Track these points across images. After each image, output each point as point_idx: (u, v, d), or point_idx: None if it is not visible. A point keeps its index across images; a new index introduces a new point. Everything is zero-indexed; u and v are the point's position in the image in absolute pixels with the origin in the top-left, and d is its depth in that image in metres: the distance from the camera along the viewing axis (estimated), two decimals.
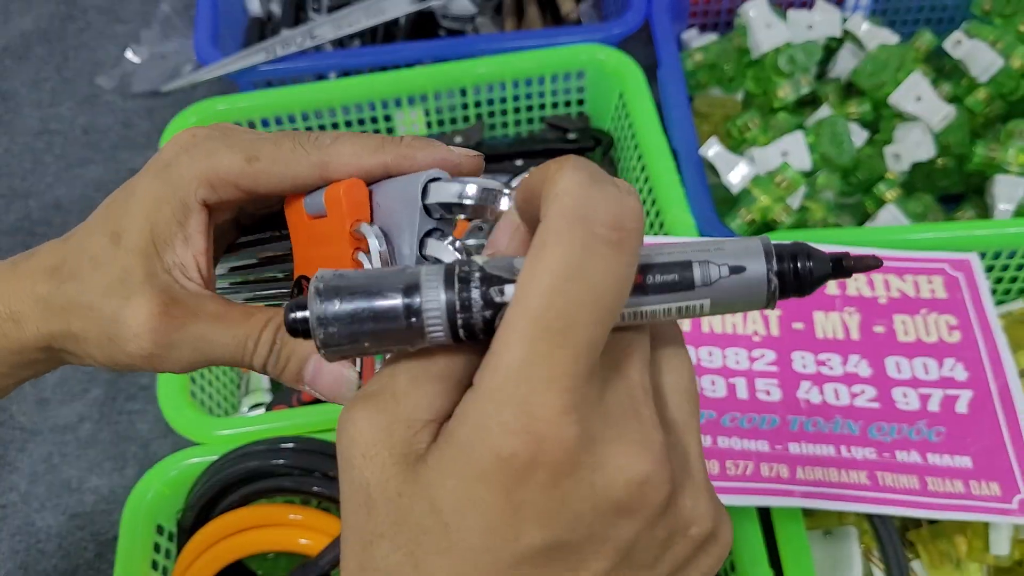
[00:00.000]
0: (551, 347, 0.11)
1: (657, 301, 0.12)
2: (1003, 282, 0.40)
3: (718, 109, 0.50)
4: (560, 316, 0.11)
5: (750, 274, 0.12)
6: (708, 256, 0.12)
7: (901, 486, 0.30)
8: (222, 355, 0.17)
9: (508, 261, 0.12)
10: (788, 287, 0.12)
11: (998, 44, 0.45)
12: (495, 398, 0.11)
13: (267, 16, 0.56)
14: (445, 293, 0.12)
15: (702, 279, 0.12)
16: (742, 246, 0.12)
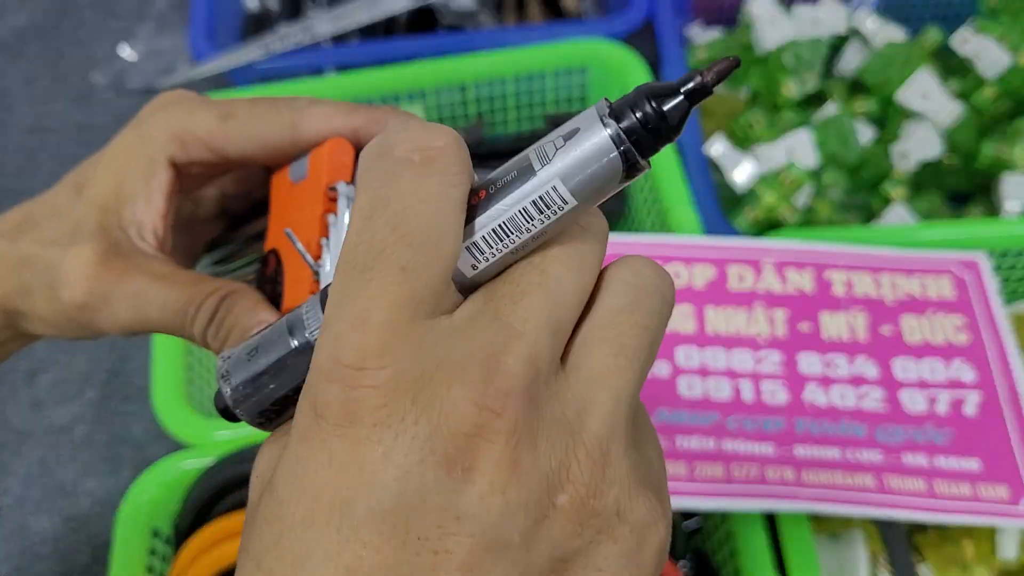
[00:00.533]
0: (358, 283, 0.10)
1: (505, 206, 0.10)
2: (1011, 282, 0.40)
3: (723, 106, 0.49)
4: (367, 250, 0.10)
5: (587, 136, 0.10)
6: (543, 142, 0.10)
7: (908, 489, 0.30)
8: (160, 318, 0.16)
9: None
10: (642, 138, 0.10)
11: (1006, 41, 0.44)
12: (316, 348, 0.10)
13: (264, 11, 0.55)
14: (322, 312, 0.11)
15: (539, 158, 0.10)
16: (577, 118, 0.10)
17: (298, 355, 0.11)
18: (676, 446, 0.31)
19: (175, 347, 0.35)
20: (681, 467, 0.30)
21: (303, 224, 0.16)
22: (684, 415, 0.31)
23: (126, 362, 0.45)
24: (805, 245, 0.36)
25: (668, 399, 0.32)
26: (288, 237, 0.15)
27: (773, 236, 0.37)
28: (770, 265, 0.36)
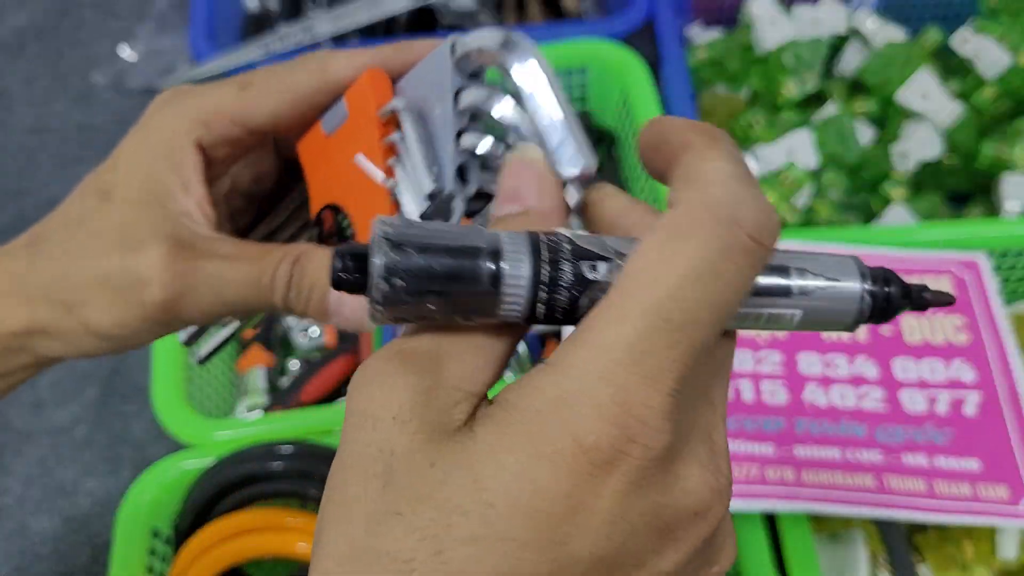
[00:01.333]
0: (666, 341, 0.10)
1: (754, 305, 0.11)
2: (1011, 282, 0.40)
3: (723, 106, 0.49)
4: (685, 312, 0.10)
5: (843, 289, 0.11)
6: (805, 265, 0.11)
7: (908, 489, 0.30)
8: (241, 295, 0.16)
9: (598, 238, 0.11)
10: (875, 311, 0.11)
11: (1006, 41, 0.44)
12: (587, 377, 0.09)
13: (264, 11, 0.55)
14: (530, 262, 0.10)
15: (800, 288, 0.11)
16: (835, 261, 0.12)
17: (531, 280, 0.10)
18: None
19: (175, 348, 0.35)
20: None
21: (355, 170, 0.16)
22: None
23: (126, 362, 0.45)
24: (805, 245, 0.36)
25: None
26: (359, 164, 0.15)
27: None
28: None
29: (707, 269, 0.10)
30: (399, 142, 0.15)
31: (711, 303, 0.10)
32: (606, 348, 0.10)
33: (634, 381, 0.09)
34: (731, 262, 0.10)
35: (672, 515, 0.10)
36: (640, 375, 0.09)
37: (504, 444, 0.10)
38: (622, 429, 0.09)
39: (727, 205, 0.10)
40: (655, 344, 0.10)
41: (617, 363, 0.09)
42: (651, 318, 0.10)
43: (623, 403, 0.09)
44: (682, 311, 0.10)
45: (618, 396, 0.09)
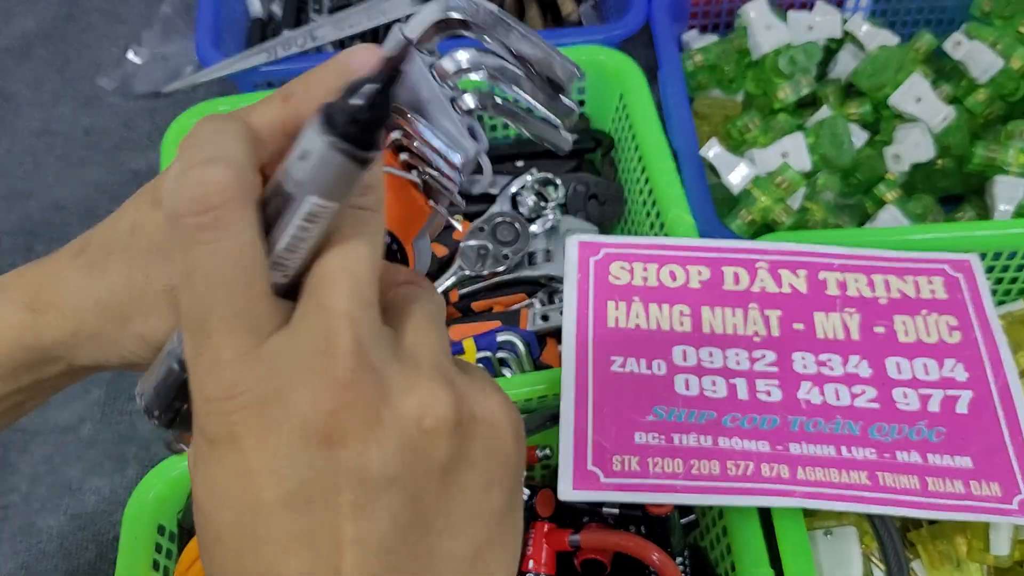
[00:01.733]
0: (203, 337, 0.12)
1: (286, 226, 0.12)
2: (1003, 283, 0.40)
3: (718, 110, 0.50)
4: (198, 311, 0.12)
5: (316, 153, 0.12)
6: (288, 166, 0.12)
7: (901, 486, 0.30)
8: None
9: None
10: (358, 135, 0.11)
11: (998, 45, 0.45)
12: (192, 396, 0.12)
13: (268, 17, 0.56)
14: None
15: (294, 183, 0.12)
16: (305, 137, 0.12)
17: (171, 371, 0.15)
18: (673, 443, 0.31)
19: None
20: (678, 464, 0.31)
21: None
22: (680, 413, 0.32)
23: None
24: (799, 246, 0.37)
25: (665, 397, 0.32)
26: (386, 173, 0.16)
27: (767, 238, 0.38)
28: (764, 266, 0.36)
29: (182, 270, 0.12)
30: (404, 139, 0.16)
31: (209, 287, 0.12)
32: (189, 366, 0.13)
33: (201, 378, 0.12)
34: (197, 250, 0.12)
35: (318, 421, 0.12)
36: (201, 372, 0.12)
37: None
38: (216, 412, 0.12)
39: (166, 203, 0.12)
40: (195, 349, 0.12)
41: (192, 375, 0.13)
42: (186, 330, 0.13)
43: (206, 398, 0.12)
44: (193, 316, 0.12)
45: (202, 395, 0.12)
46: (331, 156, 0.12)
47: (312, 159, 0.12)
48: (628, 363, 0.33)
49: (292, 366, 0.12)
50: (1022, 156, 0.43)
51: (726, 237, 0.39)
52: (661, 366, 0.33)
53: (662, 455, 0.31)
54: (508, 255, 0.41)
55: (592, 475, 0.30)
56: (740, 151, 0.46)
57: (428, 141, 0.16)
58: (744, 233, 0.42)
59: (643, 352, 0.33)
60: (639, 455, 0.31)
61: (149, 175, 0.54)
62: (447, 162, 0.16)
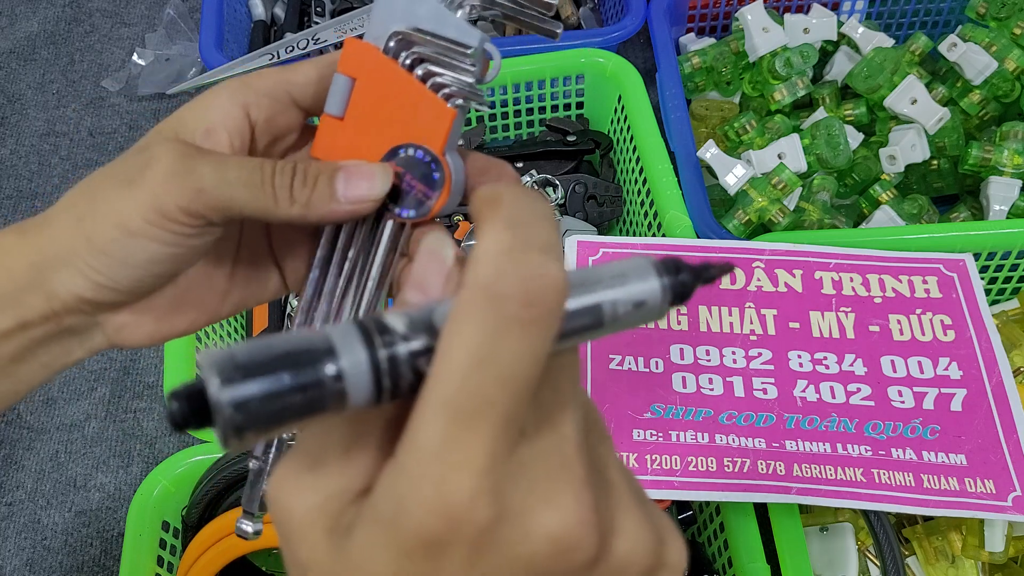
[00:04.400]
0: (463, 431, 0.11)
1: (569, 342, 0.12)
2: (997, 282, 0.41)
3: (715, 112, 0.50)
4: (471, 400, 0.11)
5: (647, 295, 0.12)
6: (609, 294, 0.12)
7: (897, 483, 0.31)
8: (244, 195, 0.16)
9: (426, 315, 0.12)
10: (675, 299, 0.13)
11: (992, 47, 0.45)
12: (412, 477, 0.11)
13: (271, 20, 0.56)
14: (366, 353, 0.11)
15: (611, 316, 0.12)
16: (631, 267, 0.12)
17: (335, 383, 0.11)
18: (670, 440, 0.32)
19: (185, 345, 0.37)
20: (675, 461, 0.31)
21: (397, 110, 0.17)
22: (678, 411, 0.32)
23: (137, 360, 0.47)
24: (795, 247, 0.37)
25: (662, 395, 0.33)
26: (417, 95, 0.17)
27: (764, 238, 0.38)
28: (761, 266, 0.37)
29: (485, 353, 0.10)
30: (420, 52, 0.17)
31: (501, 381, 0.11)
32: (419, 448, 0.11)
33: (444, 472, 0.11)
34: (507, 339, 0.11)
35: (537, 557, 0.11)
36: (447, 466, 0.11)
37: (375, 545, 0.11)
38: (444, 516, 0.11)
39: (491, 282, 0.11)
40: (453, 436, 0.11)
41: (428, 461, 0.11)
42: (445, 412, 0.11)
43: (441, 495, 0.11)
44: (472, 399, 0.11)
45: (436, 490, 0.11)
46: (660, 312, 0.12)
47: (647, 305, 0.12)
48: (626, 361, 0.33)
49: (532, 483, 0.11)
50: (1016, 157, 0.44)
51: (723, 237, 0.40)
52: (659, 364, 0.34)
53: (659, 452, 0.31)
54: None
55: None
56: (737, 152, 0.46)
57: (438, 35, 0.17)
58: (741, 233, 0.43)
59: (641, 350, 0.34)
60: (636, 452, 0.31)
61: None
62: (460, 47, 0.17)
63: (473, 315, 0.11)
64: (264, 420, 0.10)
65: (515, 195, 0.12)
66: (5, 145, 0.57)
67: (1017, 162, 0.44)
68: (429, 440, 0.11)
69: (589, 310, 0.12)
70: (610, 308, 0.12)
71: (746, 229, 0.43)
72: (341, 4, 0.54)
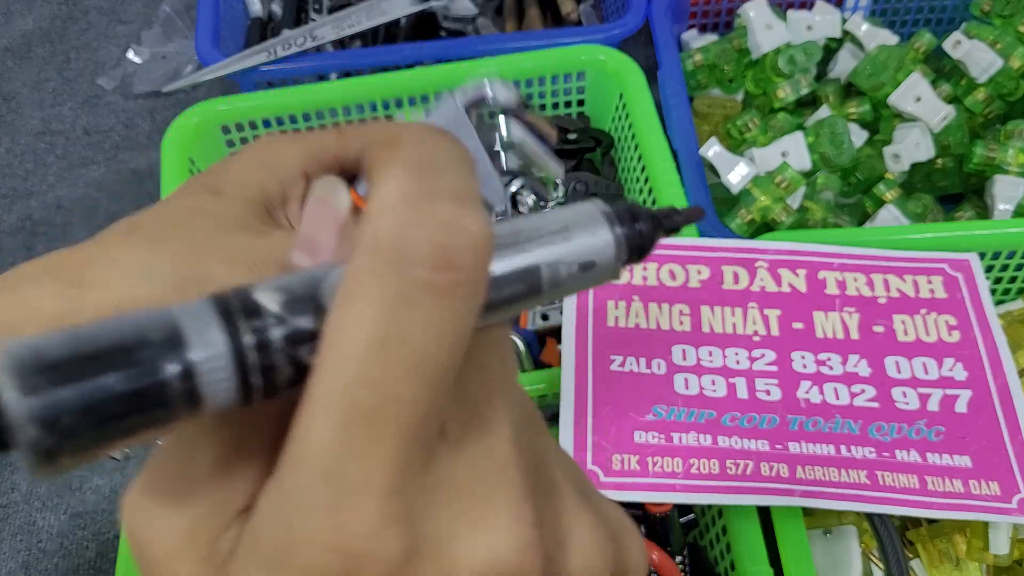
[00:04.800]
0: (360, 438, 0.08)
1: (498, 315, 0.09)
2: (1003, 282, 0.40)
3: (718, 109, 0.50)
4: (371, 395, 0.08)
5: (601, 265, 0.10)
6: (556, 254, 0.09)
7: (901, 485, 0.31)
8: None
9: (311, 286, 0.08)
10: (632, 253, 0.10)
11: (997, 45, 0.45)
12: (299, 502, 0.08)
13: (268, 17, 0.56)
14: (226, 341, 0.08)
15: (551, 283, 0.09)
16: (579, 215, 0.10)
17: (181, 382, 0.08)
18: (672, 443, 0.31)
19: None
20: (677, 463, 0.31)
21: None
22: (680, 412, 0.32)
23: None
24: (798, 246, 0.37)
25: (664, 397, 0.32)
26: None
27: (767, 238, 0.38)
28: (764, 265, 0.36)
29: (387, 334, 0.08)
30: None
31: (410, 369, 0.08)
32: (307, 463, 0.08)
33: (339, 497, 0.08)
34: (416, 314, 0.08)
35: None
36: (343, 488, 0.08)
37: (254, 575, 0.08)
38: (343, 553, 0.08)
39: (392, 241, 0.08)
40: (352, 446, 0.08)
41: (319, 480, 0.08)
42: (340, 414, 0.08)
43: (336, 527, 0.08)
44: (371, 394, 0.08)
45: (329, 519, 0.08)
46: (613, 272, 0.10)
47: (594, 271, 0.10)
48: (627, 362, 0.33)
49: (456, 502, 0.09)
50: (1021, 155, 0.43)
51: (726, 236, 0.39)
52: (661, 365, 0.33)
53: (661, 454, 0.31)
54: None
55: (591, 474, 0.30)
56: (739, 150, 0.46)
57: None
58: (743, 232, 0.42)
59: (642, 351, 0.33)
60: (638, 454, 0.31)
61: (150, 174, 0.54)
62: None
63: (370, 284, 0.08)
64: (84, 440, 0.07)
65: (418, 134, 0.09)
66: (0, 143, 0.56)
67: (1022, 161, 0.43)
68: (317, 453, 0.08)
69: (523, 274, 0.09)
70: (550, 271, 0.09)
71: (749, 228, 0.43)
72: (339, 0, 0.54)
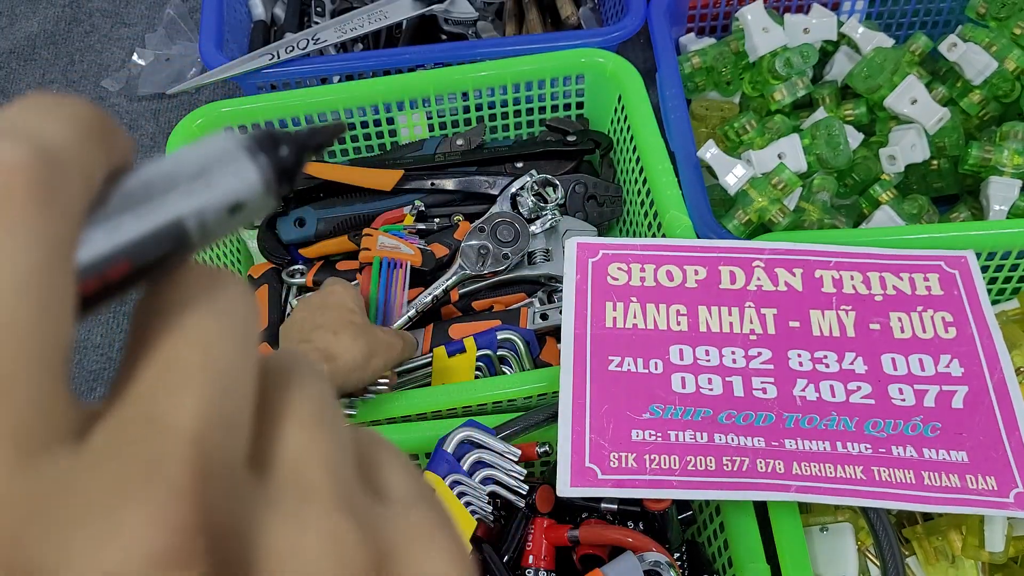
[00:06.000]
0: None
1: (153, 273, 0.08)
2: (997, 282, 0.41)
3: (715, 112, 0.51)
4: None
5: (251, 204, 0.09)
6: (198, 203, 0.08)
7: (897, 480, 0.31)
8: None
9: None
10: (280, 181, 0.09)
11: (993, 47, 0.45)
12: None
13: (271, 20, 0.56)
14: None
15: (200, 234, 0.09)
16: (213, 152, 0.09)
17: None
18: (669, 440, 0.32)
19: None
20: (674, 461, 0.31)
21: None
22: (677, 411, 0.32)
23: None
24: (795, 245, 0.37)
25: (661, 395, 0.33)
26: None
27: (764, 238, 0.38)
28: (761, 265, 0.37)
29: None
30: None
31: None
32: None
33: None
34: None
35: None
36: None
37: None
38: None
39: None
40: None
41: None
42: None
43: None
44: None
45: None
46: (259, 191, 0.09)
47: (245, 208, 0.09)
48: (625, 362, 0.33)
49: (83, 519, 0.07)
50: (1016, 157, 0.44)
51: (723, 237, 0.40)
52: (658, 365, 0.34)
53: (659, 452, 0.31)
54: (508, 255, 0.42)
55: (590, 472, 0.30)
56: (737, 152, 0.46)
57: None
58: (740, 233, 0.43)
59: (640, 351, 0.34)
60: (636, 452, 0.31)
61: None
62: None
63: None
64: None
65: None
66: None
67: (1017, 162, 0.44)
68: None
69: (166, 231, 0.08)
70: (196, 221, 0.08)
71: (746, 229, 0.43)
72: (341, 4, 0.54)
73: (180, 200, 0.09)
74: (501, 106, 0.48)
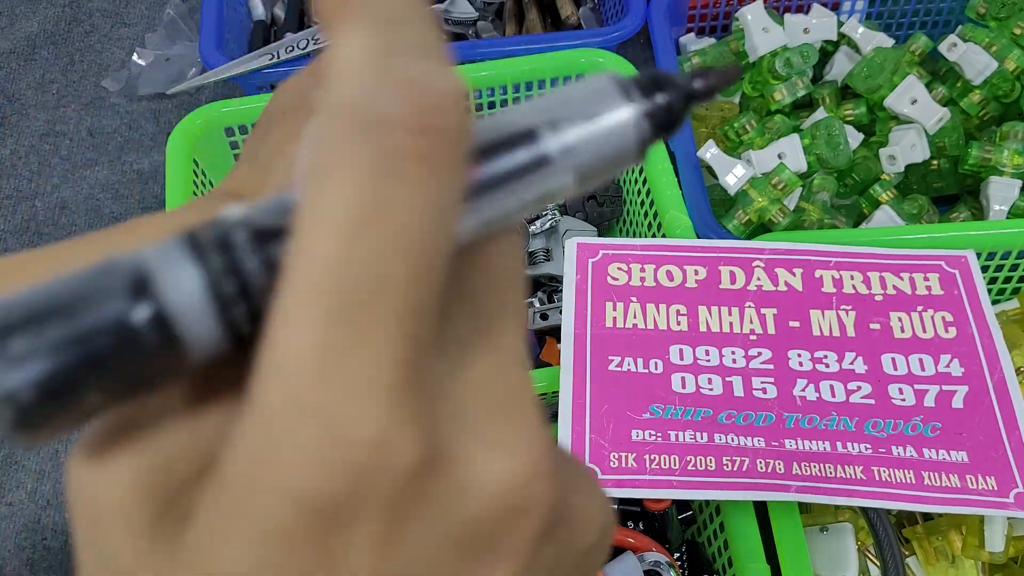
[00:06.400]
0: (358, 328, 0.07)
1: (504, 197, 0.08)
2: (998, 282, 0.41)
3: (715, 112, 0.51)
4: (362, 278, 0.07)
5: (614, 124, 0.08)
6: (555, 113, 0.08)
7: (897, 481, 0.31)
8: None
9: (283, 201, 0.07)
10: (658, 129, 0.08)
11: (992, 47, 0.45)
12: (283, 415, 0.07)
13: (271, 20, 0.56)
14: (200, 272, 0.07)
15: (561, 149, 0.08)
16: (589, 90, 0.08)
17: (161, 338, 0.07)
18: (669, 440, 0.32)
19: None
20: (674, 460, 0.31)
21: None
22: (677, 411, 0.32)
23: None
24: (795, 245, 0.37)
25: (661, 395, 0.33)
26: None
27: (764, 239, 0.38)
28: (761, 265, 0.37)
29: (371, 206, 0.07)
30: None
31: (400, 247, 0.07)
32: (289, 368, 0.07)
33: (335, 400, 0.07)
34: (398, 180, 0.07)
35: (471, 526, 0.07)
36: (340, 390, 0.07)
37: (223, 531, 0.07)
38: (346, 465, 0.07)
39: (363, 104, 0.07)
40: (345, 339, 0.07)
41: (307, 384, 0.07)
42: (322, 310, 0.07)
43: (334, 435, 0.07)
44: (362, 275, 0.07)
45: (325, 428, 0.07)
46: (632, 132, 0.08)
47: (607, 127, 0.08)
48: (625, 362, 0.33)
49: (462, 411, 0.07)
50: (1016, 157, 0.44)
51: (723, 237, 0.40)
52: (658, 365, 0.34)
53: (658, 452, 0.31)
54: None
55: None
56: (737, 152, 0.46)
57: None
58: (740, 234, 0.43)
59: (640, 351, 0.34)
60: (635, 452, 0.31)
61: (154, 176, 0.55)
62: None
63: (344, 154, 0.07)
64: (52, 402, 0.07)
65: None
66: (5, 145, 0.57)
67: (1017, 162, 0.44)
68: (300, 354, 0.07)
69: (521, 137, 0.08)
70: (559, 146, 0.08)
71: (746, 229, 0.43)
72: None
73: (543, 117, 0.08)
74: (501, 106, 0.48)
